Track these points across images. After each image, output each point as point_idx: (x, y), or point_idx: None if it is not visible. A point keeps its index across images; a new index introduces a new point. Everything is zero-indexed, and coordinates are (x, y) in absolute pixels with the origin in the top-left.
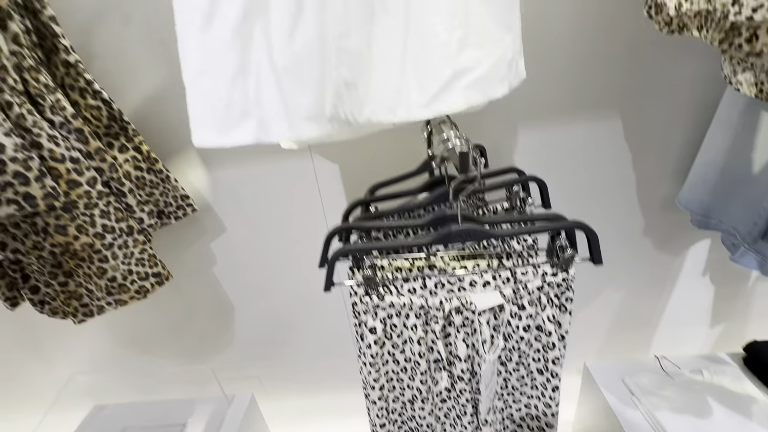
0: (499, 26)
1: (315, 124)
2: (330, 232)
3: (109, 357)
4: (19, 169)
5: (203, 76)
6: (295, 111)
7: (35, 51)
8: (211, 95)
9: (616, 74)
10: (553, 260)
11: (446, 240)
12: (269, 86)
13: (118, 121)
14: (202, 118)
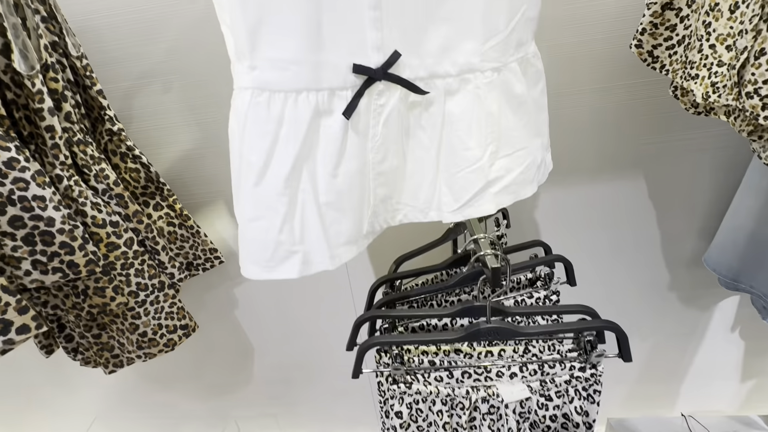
0: (529, 133)
1: (353, 246)
2: (358, 320)
3: (132, 390)
4: (65, 239)
5: (255, 222)
6: (336, 239)
7: (83, 122)
8: (261, 239)
9: (640, 135)
10: (581, 355)
11: (475, 338)
12: (313, 223)
13: (154, 182)
14: (251, 256)
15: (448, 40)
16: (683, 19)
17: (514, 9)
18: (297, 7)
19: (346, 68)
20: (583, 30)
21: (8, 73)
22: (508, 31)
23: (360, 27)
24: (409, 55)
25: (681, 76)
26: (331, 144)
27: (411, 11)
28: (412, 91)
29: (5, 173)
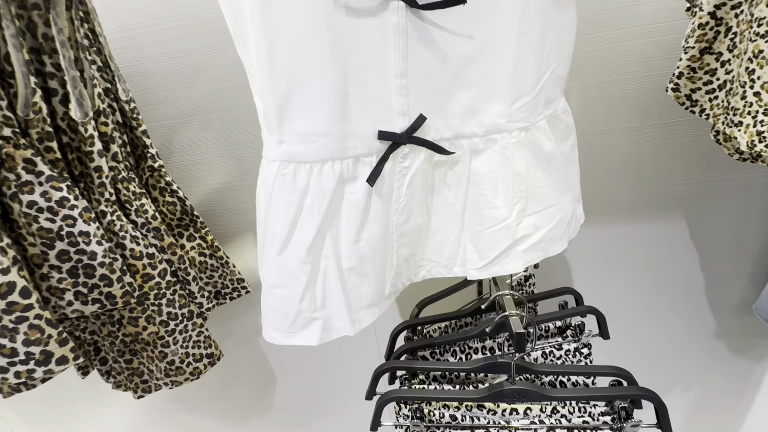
0: (559, 190)
1: (375, 308)
2: (377, 370)
3: (159, 410)
4: (105, 272)
5: (276, 290)
6: (357, 303)
7: (128, 160)
8: (282, 308)
9: (680, 175)
10: (614, 421)
11: (498, 399)
12: (334, 288)
13: (189, 215)
14: (273, 322)
15: (475, 102)
16: (724, 63)
17: (543, 69)
18: (325, 80)
19: (372, 135)
20: (615, 69)
21: (65, 119)
22: (536, 92)
23: (386, 94)
24: (435, 117)
25: (723, 121)
26: (354, 210)
27: (437, 76)
28: (438, 152)
29: (56, 211)
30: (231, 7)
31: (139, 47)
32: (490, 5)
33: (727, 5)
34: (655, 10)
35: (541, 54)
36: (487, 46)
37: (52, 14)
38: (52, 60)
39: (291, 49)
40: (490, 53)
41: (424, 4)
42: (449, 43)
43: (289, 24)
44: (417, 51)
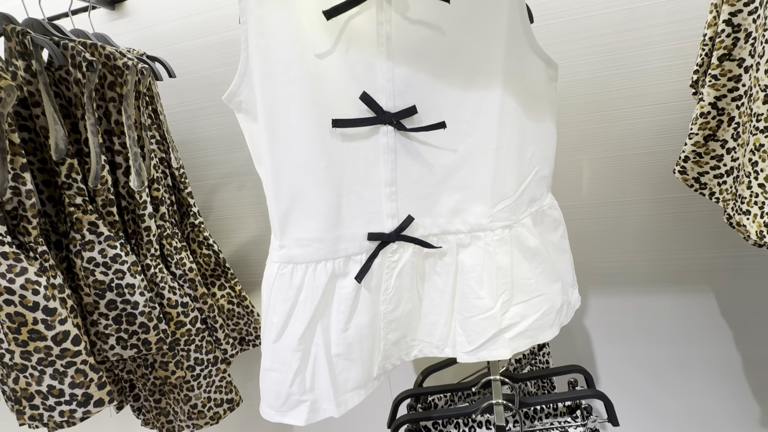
0: (547, 280)
1: (361, 390)
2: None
3: None
4: (144, 320)
5: (271, 373)
6: (344, 386)
7: (174, 216)
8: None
9: (704, 248)
10: None
11: None
12: (323, 373)
13: (221, 266)
14: (267, 400)
15: (459, 204)
16: (729, 151)
17: (525, 173)
18: (320, 197)
19: (362, 236)
20: (625, 145)
21: (125, 188)
22: (517, 195)
23: (377, 200)
24: (423, 216)
25: (732, 207)
26: (344, 303)
27: (424, 183)
28: (425, 247)
29: (110, 266)
30: (250, 135)
31: (193, 120)
32: (470, 126)
33: (728, 97)
34: (660, 92)
35: (522, 161)
36: (469, 157)
37: (124, 105)
38: (120, 140)
39: (293, 174)
40: (472, 163)
41: (411, 128)
42: (434, 156)
43: (292, 153)
44: (405, 163)
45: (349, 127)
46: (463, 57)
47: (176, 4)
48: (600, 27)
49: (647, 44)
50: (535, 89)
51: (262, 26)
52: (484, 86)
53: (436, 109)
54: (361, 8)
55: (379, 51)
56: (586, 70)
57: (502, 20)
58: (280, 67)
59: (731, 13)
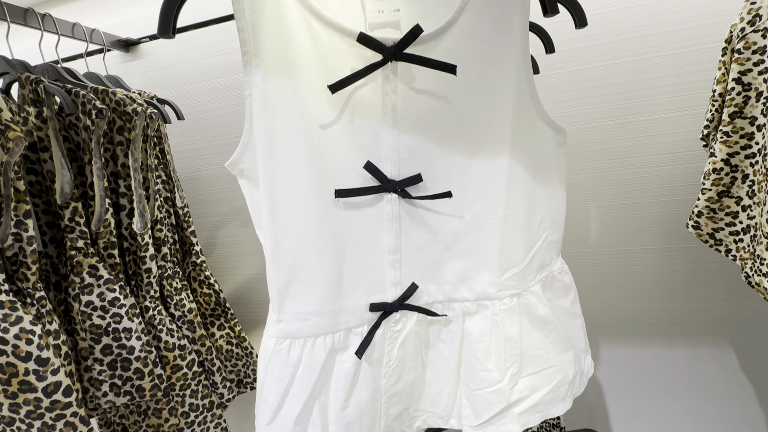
0: (558, 349)
1: None
2: None
3: None
4: (139, 366)
5: None
6: None
7: (176, 255)
8: None
9: (720, 300)
10: None
11: None
12: None
13: (222, 306)
14: None
15: (466, 271)
16: (745, 208)
17: (533, 240)
18: (321, 268)
19: (364, 308)
20: (636, 193)
21: (128, 229)
22: (526, 262)
23: (380, 269)
24: (427, 283)
25: (751, 267)
26: (344, 379)
27: (429, 250)
28: (429, 315)
29: (108, 309)
30: (252, 200)
31: (201, 158)
32: (477, 193)
33: (741, 154)
34: (670, 141)
35: (530, 228)
36: (475, 224)
37: (131, 148)
38: (126, 182)
39: (293, 245)
40: (479, 230)
41: (417, 196)
42: (440, 223)
43: (293, 225)
44: (409, 230)
45: (353, 196)
46: (469, 125)
47: (187, 48)
48: (606, 77)
49: (655, 95)
50: (543, 156)
51: (267, 100)
52: (491, 154)
53: (441, 177)
54: (366, 80)
55: (384, 120)
56: (593, 119)
57: (509, 89)
58: (284, 140)
59: (741, 72)
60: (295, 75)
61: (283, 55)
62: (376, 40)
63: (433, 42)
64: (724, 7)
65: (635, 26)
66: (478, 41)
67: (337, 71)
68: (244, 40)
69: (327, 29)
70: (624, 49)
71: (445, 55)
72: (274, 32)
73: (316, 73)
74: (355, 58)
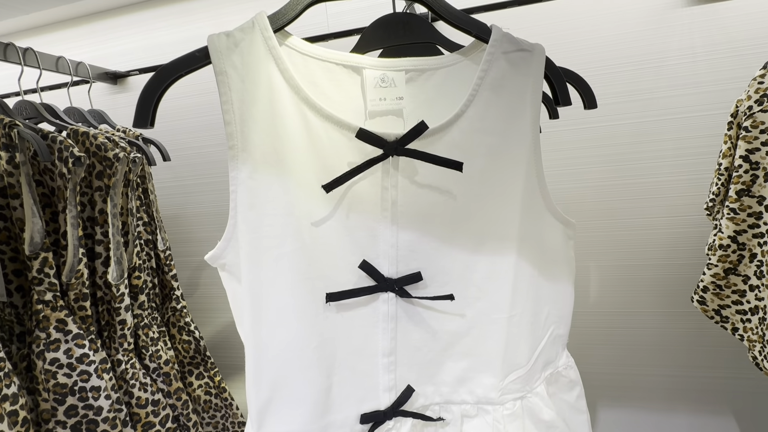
0: None
1: None
2: None
3: None
4: (107, 428)
5: None
6: None
7: (155, 300)
8: None
9: (723, 367)
10: None
11: None
12: None
13: (201, 354)
14: None
15: (466, 372)
16: (753, 288)
17: (539, 338)
18: (308, 382)
19: (354, 420)
20: (636, 254)
21: (103, 278)
22: (531, 363)
23: (373, 373)
24: (424, 384)
25: (760, 352)
26: None
27: (426, 350)
28: (426, 421)
29: (75, 367)
30: (233, 295)
31: (187, 195)
32: (480, 291)
33: (748, 233)
34: (672, 204)
35: (536, 326)
36: (477, 323)
37: (111, 194)
38: (103, 229)
39: (277, 358)
40: (481, 330)
41: (417, 297)
42: (439, 321)
43: (277, 335)
44: (406, 330)
45: (346, 299)
46: (474, 220)
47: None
48: (608, 138)
49: (657, 158)
50: (551, 250)
51: (254, 198)
52: (496, 250)
53: (443, 273)
54: (364, 174)
55: (383, 216)
56: (595, 178)
57: (518, 182)
58: (271, 241)
59: (749, 150)
60: (287, 171)
61: (274, 150)
62: (376, 135)
63: (438, 135)
64: (727, 75)
65: (640, 88)
66: (486, 134)
67: (333, 166)
68: (231, 133)
69: (324, 122)
70: (627, 110)
71: (450, 148)
72: (265, 125)
73: (310, 168)
74: (353, 152)
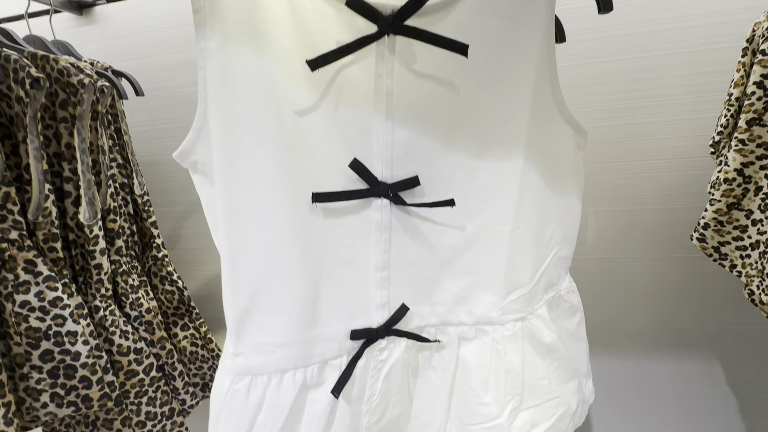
0: (562, 378)
1: None
2: None
3: None
4: (86, 373)
5: None
6: None
7: (134, 248)
8: None
9: (712, 313)
10: None
11: None
12: None
13: (185, 305)
14: None
15: (464, 291)
16: (756, 222)
17: (542, 256)
18: (292, 290)
19: (344, 335)
20: (634, 199)
21: (74, 219)
22: (534, 282)
23: (364, 288)
24: (419, 304)
25: (758, 286)
26: (316, 422)
27: (422, 265)
28: (421, 341)
29: (48, 310)
30: (208, 201)
31: (164, 140)
32: (482, 201)
33: (756, 164)
34: (676, 146)
35: (540, 243)
36: (479, 237)
37: (78, 126)
38: (71, 165)
39: (257, 262)
40: (482, 244)
41: (412, 203)
42: (437, 235)
43: (257, 237)
44: (401, 243)
45: (335, 201)
46: (478, 119)
47: (152, 14)
48: (612, 74)
49: (661, 96)
50: (560, 159)
51: (226, 74)
52: (502, 155)
53: (442, 180)
54: (356, 56)
55: (376, 109)
56: (595, 118)
57: (528, 77)
58: (247, 128)
59: (764, 75)
60: (264, 44)
61: (249, 18)
62: (370, 5)
63: (442, 13)
64: (743, 4)
65: (646, 20)
66: (495, 16)
67: (319, 44)
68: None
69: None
70: (633, 44)
71: (454, 30)
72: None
73: (292, 44)
74: (343, 28)
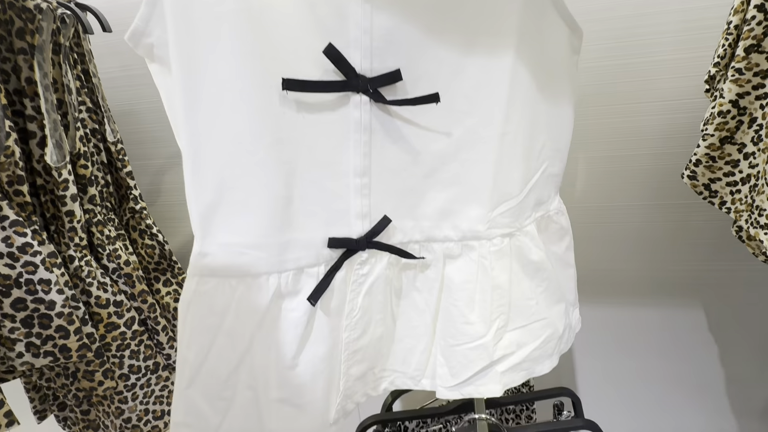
0: (549, 300)
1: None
2: None
3: None
4: (62, 323)
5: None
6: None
7: (110, 200)
8: None
9: (699, 260)
10: None
11: None
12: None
13: (167, 260)
14: None
15: (450, 204)
16: (747, 156)
17: (532, 169)
18: (263, 186)
19: (321, 243)
20: (627, 144)
21: (41, 162)
22: (523, 195)
23: (343, 195)
24: (402, 218)
25: (746, 220)
26: (292, 331)
27: (406, 174)
28: (404, 257)
29: (17, 257)
30: (167, 94)
31: (137, 87)
32: (470, 102)
33: (752, 95)
34: (672, 87)
35: (530, 154)
36: (466, 144)
37: (38, 59)
38: (34, 103)
39: (221, 151)
40: (469, 152)
41: (393, 100)
42: (421, 140)
43: (221, 123)
44: (382, 147)
45: (308, 91)
46: (466, 7)
47: None
48: (608, 10)
49: (660, 33)
50: (553, 61)
51: None
52: (491, 50)
53: (426, 77)
54: None
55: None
56: (587, 58)
57: None
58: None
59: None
60: None
61: None
62: None
63: None
64: None
65: None
66: None
67: None
68: None
69: None
70: None
71: None
72: None
73: None
74: None
